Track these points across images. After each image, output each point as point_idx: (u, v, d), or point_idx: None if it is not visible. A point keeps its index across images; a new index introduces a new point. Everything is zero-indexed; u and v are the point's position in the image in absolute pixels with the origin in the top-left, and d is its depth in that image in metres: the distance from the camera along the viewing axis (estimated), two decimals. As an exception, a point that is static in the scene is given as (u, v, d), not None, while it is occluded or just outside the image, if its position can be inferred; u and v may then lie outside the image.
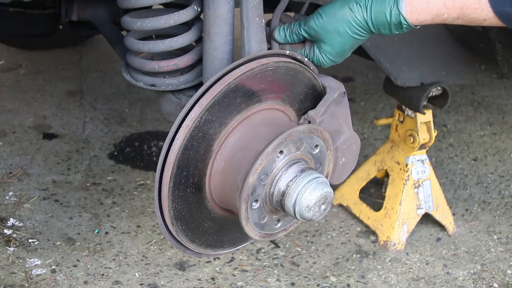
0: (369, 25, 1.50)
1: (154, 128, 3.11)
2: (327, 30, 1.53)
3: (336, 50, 1.56)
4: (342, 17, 1.51)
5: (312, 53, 1.60)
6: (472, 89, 3.64)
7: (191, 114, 1.44)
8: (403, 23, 1.47)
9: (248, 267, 2.25)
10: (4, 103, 3.25)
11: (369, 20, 1.50)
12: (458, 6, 1.43)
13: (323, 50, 1.57)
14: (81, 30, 2.28)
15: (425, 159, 2.37)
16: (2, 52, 3.81)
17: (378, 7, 1.48)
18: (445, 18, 1.46)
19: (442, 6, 1.44)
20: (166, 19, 1.61)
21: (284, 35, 1.61)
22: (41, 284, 2.10)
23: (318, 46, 1.58)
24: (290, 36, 1.60)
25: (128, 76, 1.76)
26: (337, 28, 1.52)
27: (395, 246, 2.36)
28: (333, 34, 1.53)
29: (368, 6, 1.49)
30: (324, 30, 1.54)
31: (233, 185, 1.49)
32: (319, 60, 1.59)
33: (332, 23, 1.52)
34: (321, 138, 1.55)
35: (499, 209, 2.63)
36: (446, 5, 1.44)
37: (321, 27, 1.54)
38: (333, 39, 1.54)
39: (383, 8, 1.47)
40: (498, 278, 2.26)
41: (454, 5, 1.43)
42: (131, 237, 2.35)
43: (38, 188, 2.60)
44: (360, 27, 1.51)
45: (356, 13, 1.50)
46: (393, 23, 1.48)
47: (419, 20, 1.47)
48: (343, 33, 1.53)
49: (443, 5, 1.44)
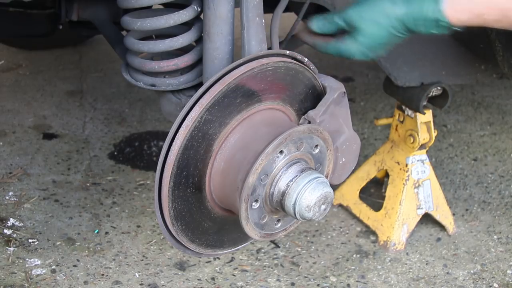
0: (407, 21, 1.47)
1: (154, 128, 3.11)
2: (365, 18, 1.50)
3: (371, 41, 1.53)
4: (382, 7, 1.48)
5: (344, 43, 1.56)
6: (472, 89, 3.65)
7: (191, 114, 1.44)
8: (443, 21, 1.44)
9: (248, 267, 2.25)
10: (4, 103, 3.25)
11: (408, 15, 1.46)
12: (501, 7, 1.41)
13: (357, 40, 1.53)
14: (81, 30, 2.28)
15: (425, 159, 2.37)
16: (2, 52, 3.81)
17: (418, 2, 1.45)
18: (486, 19, 1.43)
19: (484, 6, 1.41)
20: (166, 19, 1.61)
21: (319, 25, 1.59)
22: (41, 284, 2.10)
23: (353, 35, 1.54)
24: (325, 25, 1.58)
25: (128, 76, 1.76)
26: (375, 18, 1.49)
27: (395, 246, 2.36)
28: (371, 23, 1.50)
29: (408, 0, 1.46)
30: (362, 18, 1.50)
31: (233, 185, 1.49)
32: (350, 51, 1.56)
33: (371, 12, 1.49)
34: (321, 138, 1.55)
35: (499, 209, 2.63)
36: (488, 6, 1.41)
37: (359, 14, 1.50)
38: (369, 28, 1.50)
39: (423, 4, 1.44)
40: (498, 278, 2.26)
41: (497, 7, 1.41)
42: (131, 237, 2.35)
43: (38, 188, 2.60)
44: (398, 21, 1.48)
45: (396, 6, 1.46)
46: (432, 20, 1.44)
47: (460, 20, 1.43)
48: (381, 24, 1.49)
49: (486, 5, 1.41)
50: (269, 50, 1.59)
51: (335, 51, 1.63)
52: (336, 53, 1.64)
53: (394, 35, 1.52)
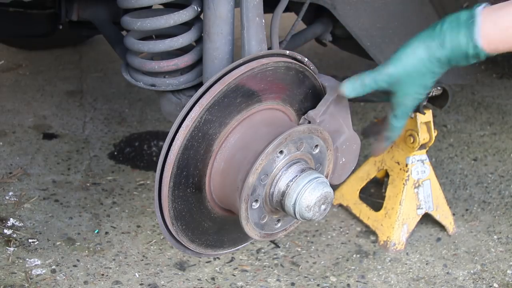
0: (448, 60, 1.46)
1: (154, 128, 3.11)
2: (409, 73, 1.48)
3: (420, 89, 1.52)
4: (422, 57, 1.47)
5: (392, 101, 1.55)
6: (472, 89, 3.65)
7: (191, 114, 1.44)
8: (481, 54, 1.43)
9: (248, 267, 2.25)
10: (4, 103, 3.25)
11: (447, 55, 1.45)
12: None
13: (405, 93, 1.52)
14: (81, 30, 2.28)
15: (425, 159, 2.37)
16: (2, 52, 3.81)
17: (454, 42, 1.43)
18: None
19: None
20: (166, 19, 1.61)
21: (354, 89, 1.55)
22: (41, 284, 2.10)
23: (398, 91, 1.53)
24: (362, 88, 1.54)
25: (128, 76, 1.76)
26: (420, 69, 1.48)
27: (395, 246, 2.36)
28: (416, 75, 1.49)
29: (444, 42, 1.44)
30: (406, 74, 1.49)
31: (233, 185, 1.49)
32: (402, 105, 1.55)
33: (414, 65, 1.47)
34: (321, 138, 1.55)
35: (499, 209, 2.63)
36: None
37: (403, 71, 1.49)
38: (415, 80, 1.50)
39: (459, 42, 1.43)
40: (498, 278, 2.26)
41: None
42: (131, 237, 2.35)
43: (38, 188, 2.60)
44: (440, 62, 1.47)
45: (434, 50, 1.45)
46: (471, 55, 1.44)
47: (498, 50, 1.43)
48: (426, 72, 1.48)
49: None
50: (269, 50, 1.59)
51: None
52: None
53: (439, 73, 1.50)
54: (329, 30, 2.22)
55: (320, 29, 2.21)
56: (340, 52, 2.66)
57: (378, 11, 2.02)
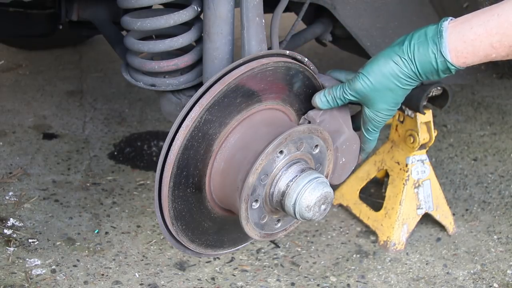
0: (417, 75, 1.46)
1: (154, 128, 3.11)
2: (377, 89, 1.48)
3: (391, 105, 1.52)
4: (390, 73, 1.46)
5: (363, 114, 1.56)
6: (472, 89, 3.65)
7: (191, 114, 1.44)
8: (451, 68, 1.42)
9: (248, 267, 2.25)
10: (4, 103, 3.25)
11: (416, 71, 1.45)
12: (506, 45, 1.37)
13: (375, 109, 1.53)
14: (81, 30, 2.28)
15: (425, 159, 2.37)
16: (2, 52, 3.81)
17: (422, 58, 1.43)
18: (494, 57, 1.40)
19: (488, 47, 1.38)
20: (166, 19, 1.61)
21: (326, 101, 1.56)
22: (41, 284, 2.10)
23: (368, 106, 1.53)
24: (333, 101, 1.55)
25: (128, 76, 1.76)
26: (387, 85, 1.48)
27: (395, 246, 2.36)
28: (384, 92, 1.49)
29: (412, 58, 1.44)
30: (374, 90, 1.49)
31: (233, 185, 1.49)
32: (373, 119, 1.55)
33: (381, 81, 1.47)
34: (321, 138, 1.55)
35: (499, 209, 2.63)
36: (493, 46, 1.37)
37: (370, 88, 1.49)
38: (384, 96, 1.49)
39: (428, 58, 1.42)
40: (498, 278, 2.26)
41: (502, 45, 1.37)
42: (131, 237, 2.35)
43: (38, 188, 2.60)
44: (409, 78, 1.47)
45: (402, 67, 1.45)
46: (441, 69, 1.43)
47: (467, 63, 1.42)
48: (394, 88, 1.48)
49: (490, 45, 1.37)
50: (269, 50, 1.59)
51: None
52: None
53: (409, 88, 1.50)
54: (329, 30, 2.22)
55: (320, 29, 2.21)
56: (340, 52, 2.66)
57: (378, 11, 2.02)
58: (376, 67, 1.48)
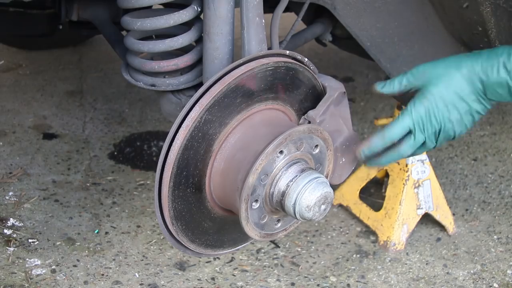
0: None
1: (154, 128, 3.11)
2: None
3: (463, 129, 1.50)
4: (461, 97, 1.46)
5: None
6: (472, 89, 3.64)
7: (191, 114, 1.44)
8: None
9: (248, 267, 2.25)
10: (4, 103, 3.25)
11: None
12: None
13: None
14: (81, 30, 2.28)
15: (425, 159, 2.37)
16: (2, 52, 3.81)
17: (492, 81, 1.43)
18: None
19: None
20: (166, 19, 1.61)
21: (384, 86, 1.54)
22: (41, 284, 2.10)
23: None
24: (390, 86, 1.54)
25: (128, 76, 1.76)
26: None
27: (395, 246, 2.36)
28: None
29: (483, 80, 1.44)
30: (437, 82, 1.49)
31: (233, 185, 1.49)
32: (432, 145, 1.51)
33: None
34: (321, 138, 1.55)
35: (499, 209, 2.63)
36: None
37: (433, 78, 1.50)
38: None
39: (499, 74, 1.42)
40: (498, 278, 2.26)
41: None
42: (131, 237, 2.35)
43: (38, 188, 2.60)
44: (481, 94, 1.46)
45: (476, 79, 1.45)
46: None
47: None
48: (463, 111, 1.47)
49: None
50: (269, 50, 1.59)
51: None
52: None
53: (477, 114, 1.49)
54: (329, 30, 2.22)
55: (320, 29, 2.21)
56: (340, 52, 2.66)
57: (378, 11, 2.02)
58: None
